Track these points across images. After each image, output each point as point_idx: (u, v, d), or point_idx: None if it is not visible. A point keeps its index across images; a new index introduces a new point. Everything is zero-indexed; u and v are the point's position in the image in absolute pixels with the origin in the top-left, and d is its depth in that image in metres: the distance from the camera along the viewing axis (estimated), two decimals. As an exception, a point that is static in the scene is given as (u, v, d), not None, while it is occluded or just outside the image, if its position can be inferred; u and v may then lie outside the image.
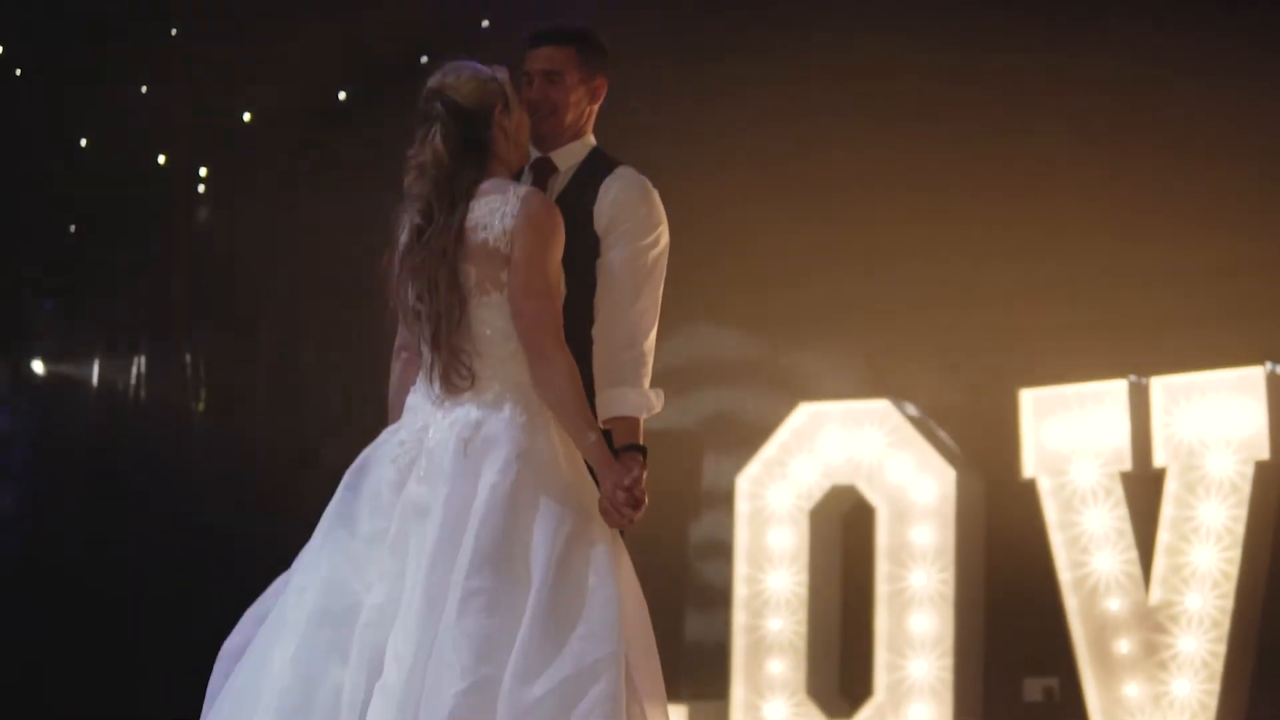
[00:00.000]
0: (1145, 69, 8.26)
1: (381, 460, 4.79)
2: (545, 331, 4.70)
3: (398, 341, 5.00)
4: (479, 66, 4.92)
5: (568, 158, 5.21)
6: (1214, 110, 8.13)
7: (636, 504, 4.69)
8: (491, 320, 4.75)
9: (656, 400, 5.00)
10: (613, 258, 5.05)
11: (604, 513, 4.70)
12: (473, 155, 4.82)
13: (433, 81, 4.89)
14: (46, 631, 10.09)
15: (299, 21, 9.87)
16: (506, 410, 4.72)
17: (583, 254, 5.03)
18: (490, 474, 4.62)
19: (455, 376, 4.74)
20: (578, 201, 5.09)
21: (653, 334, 5.07)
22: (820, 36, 8.94)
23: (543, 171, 5.21)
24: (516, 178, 5.04)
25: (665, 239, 5.12)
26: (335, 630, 4.60)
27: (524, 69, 5.22)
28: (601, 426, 4.86)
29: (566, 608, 4.51)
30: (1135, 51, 8.28)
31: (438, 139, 4.80)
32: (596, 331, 5.02)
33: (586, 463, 4.78)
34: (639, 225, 5.08)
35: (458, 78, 4.88)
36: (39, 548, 10.37)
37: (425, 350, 4.78)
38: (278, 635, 4.67)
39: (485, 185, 4.80)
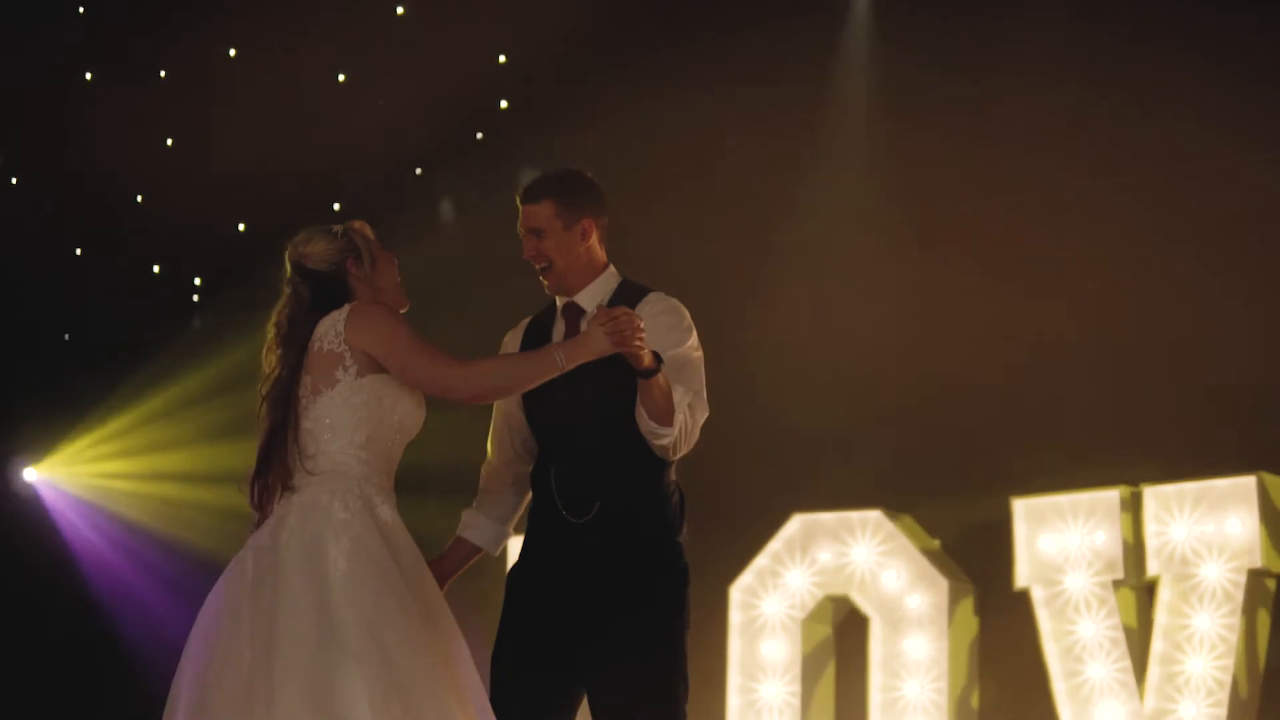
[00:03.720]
0: (1136, 167, 8.34)
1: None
2: (445, 371, 4.97)
3: None
4: (328, 229, 5.19)
5: (593, 297, 5.38)
6: (1209, 221, 8.19)
7: (617, 322, 4.91)
8: (323, 416, 5.00)
9: (678, 427, 5.19)
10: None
11: (630, 353, 4.93)
12: (328, 310, 5.08)
13: (289, 252, 5.20)
14: None
15: (293, 133, 9.95)
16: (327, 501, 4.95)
17: (624, 382, 5.16)
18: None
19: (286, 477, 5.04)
20: None
21: (696, 428, 5.28)
22: (842, 141, 9.03)
23: (574, 316, 5.37)
24: (541, 323, 5.37)
25: (699, 350, 5.31)
26: None
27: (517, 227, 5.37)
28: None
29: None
30: (1130, 153, 8.37)
31: (291, 306, 5.13)
32: None
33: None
34: (668, 340, 5.25)
35: (308, 243, 5.18)
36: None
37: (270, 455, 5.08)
38: None
39: None
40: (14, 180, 10.55)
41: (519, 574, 5.39)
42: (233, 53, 10.21)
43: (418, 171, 10.10)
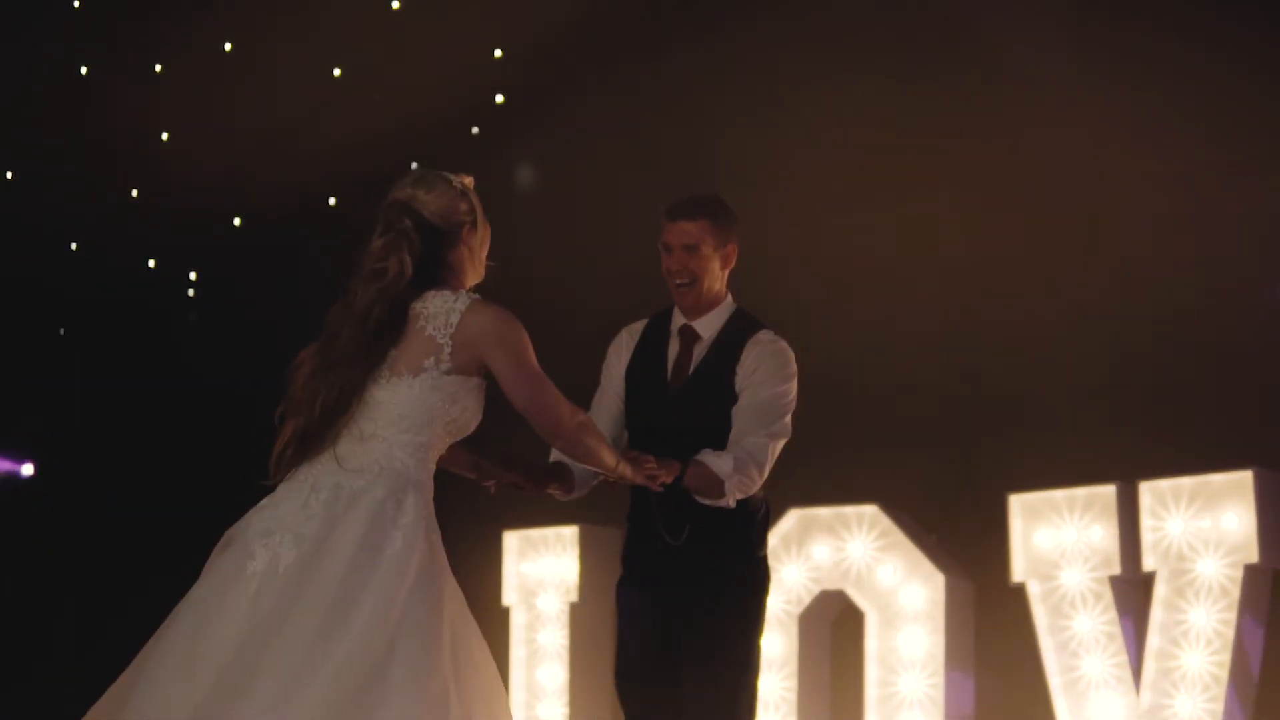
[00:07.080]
0: (1136, 164, 8.34)
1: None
2: (560, 410, 4.71)
3: None
4: (449, 179, 4.79)
5: (711, 325, 5.61)
6: (1208, 217, 8.19)
7: (643, 466, 5.10)
8: (393, 401, 4.62)
9: (732, 491, 5.44)
10: (743, 403, 5.52)
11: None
12: (433, 272, 4.71)
13: (400, 192, 4.76)
14: None
15: (289, 127, 9.94)
16: (377, 489, 4.59)
17: (719, 409, 5.50)
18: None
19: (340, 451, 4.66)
20: (721, 366, 5.52)
21: (772, 455, 5.59)
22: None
23: (689, 339, 5.58)
24: (656, 333, 5.56)
25: (793, 394, 5.61)
26: None
27: (661, 240, 5.47)
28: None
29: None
30: (1129, 150, 8.37)
31: (405, 255, 4.67)
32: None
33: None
34: (770, 381, 5.54)
35: (428, 191, 4.75)
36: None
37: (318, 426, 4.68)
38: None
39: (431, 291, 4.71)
40: (9, 175, 10.54)
41: (625, 581, 5.79)
42: (228, 47, 10.19)
43: (413, 166, 10.09)
